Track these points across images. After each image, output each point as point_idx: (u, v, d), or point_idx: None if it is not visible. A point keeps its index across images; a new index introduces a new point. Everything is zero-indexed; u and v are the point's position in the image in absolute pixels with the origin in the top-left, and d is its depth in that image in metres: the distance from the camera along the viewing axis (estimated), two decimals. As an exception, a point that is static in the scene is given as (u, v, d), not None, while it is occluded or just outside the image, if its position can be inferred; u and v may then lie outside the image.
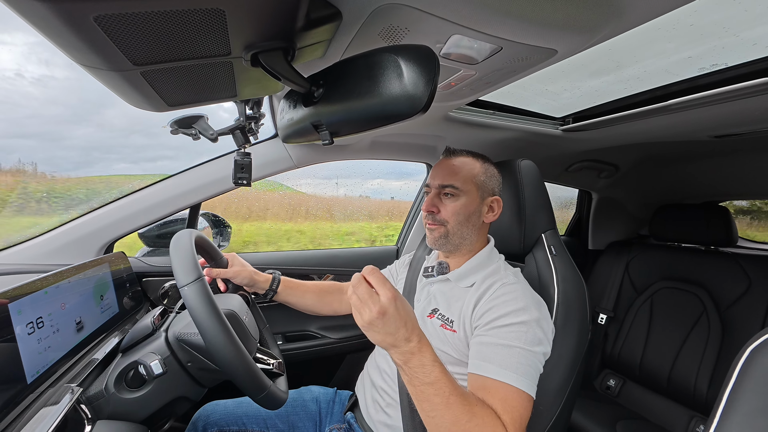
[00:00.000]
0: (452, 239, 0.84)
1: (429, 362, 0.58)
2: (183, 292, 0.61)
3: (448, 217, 0.83)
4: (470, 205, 0.83)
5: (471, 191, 0.84)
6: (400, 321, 0.56)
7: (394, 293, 0.57)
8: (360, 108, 0.55)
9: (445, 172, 0.85)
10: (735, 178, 1.70)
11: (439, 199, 0.85)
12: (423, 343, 0.58)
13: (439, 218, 0.84)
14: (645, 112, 1.08)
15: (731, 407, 0.45)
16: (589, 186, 2.03)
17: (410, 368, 0.57)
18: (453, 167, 0.85)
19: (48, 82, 4.43)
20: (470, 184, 0.84)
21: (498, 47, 0.65)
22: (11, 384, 0.54)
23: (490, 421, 0.59)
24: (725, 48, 0.84)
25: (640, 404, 1.56)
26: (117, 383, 0.66)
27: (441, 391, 0.57)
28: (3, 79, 3.57)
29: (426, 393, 0.57)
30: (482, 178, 0.85)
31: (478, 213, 0.85)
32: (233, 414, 0.91)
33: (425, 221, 0.87)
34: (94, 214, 1.06)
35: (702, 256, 1.59)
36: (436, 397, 0.57)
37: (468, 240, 0.85)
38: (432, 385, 0.57)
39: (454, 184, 0.83)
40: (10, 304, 0.55)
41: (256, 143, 1.20)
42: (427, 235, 0.87)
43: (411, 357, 0.57)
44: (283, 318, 1.35)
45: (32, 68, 4.73)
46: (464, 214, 0.83)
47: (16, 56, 4.10)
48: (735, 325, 1.39)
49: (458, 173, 0.84)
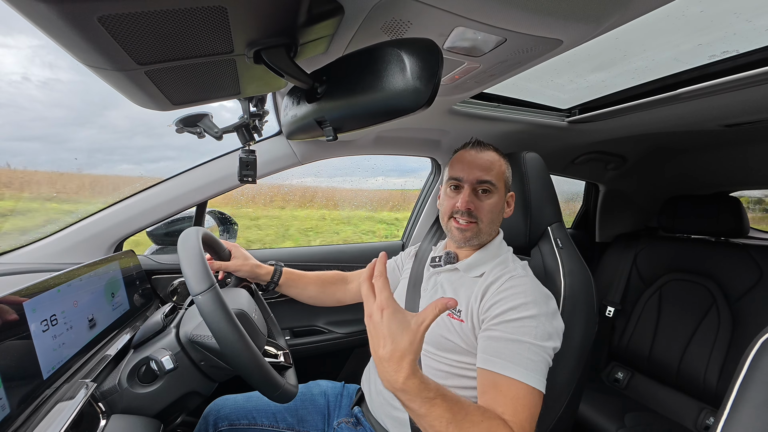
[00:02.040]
0: (482, 237, 0.84)
1: (426, 395, 0.53)
2: (197, 300, 0.62)
3: (484, 214, 0.82)
4: (500, 202, 0.84)
5: (501, 188, 0.84)
6: (381, 337, 0.52)
7: (383, 302, 0.54)
8: (363, 103, 0.54)
9: (479, 167, 0.82)
10: (746, 167, 1.67)
11: (474, 196, 0.83)
12: (411, 383, 0.52)
13: (475, 215, 0.82)
14: (653, 101, 1.07)
15: (742, 399, 0.45)
16: (596, 178, 2.01)
17: (401, 399, 0.54)
18: (486, 162, 0.83)
19: (54, 86, 4.49)
20: (501, 180, 0.84)
21: (502, 39, 0.64)
22: (28, 380, 0.55)
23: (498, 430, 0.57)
24: (737, 34, 0.82)
25: (648, 396, 1.56)
26: (130, 378, 0.67)
27: (441, 417, 0.53)
28: (9, 83, 3.62)
29: (422, 424, 0.55)
30: (507, 174, 0.86)
31: (502, 210, 0.85)
32: (243, 408, 0.92)
33: (456, 220, 0.82)
34: (102, 213, 1.08)
35: (712, 247, 1.56)
36: (437, 422, 0.54)
37: (491, 236, 0.86)
38: (425, 418, 0.54)
39: (492, 180, 0.82)
40: (25, 303, 0.57)
41: (260, 140, 1.20)
42: (454, 233, 0.83)
43: (396, 393, 0.54)
44: (290, 313, 1.36)
45: (38, 71, 4.79)
46: (496, 211, 0.83)
47: (21, 59, 4.15)
48: (746, 317, 1.37)
49: (492, 169, 0.83)
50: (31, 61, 4.32)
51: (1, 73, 3.69)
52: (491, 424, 0.58)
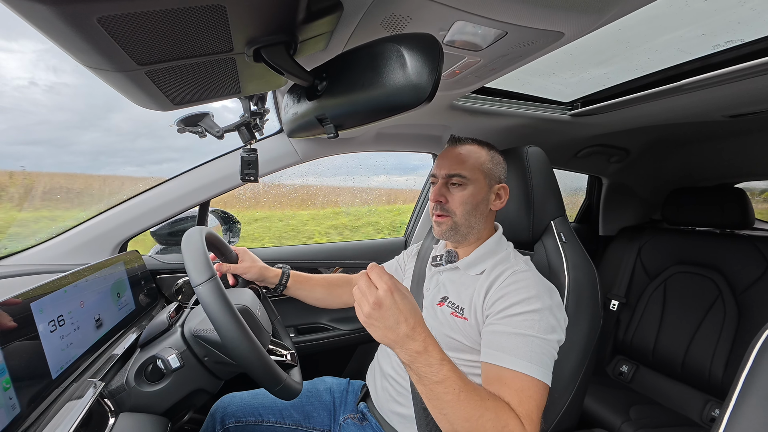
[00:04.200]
0: (461, 230, 0.83)
1: (436, 362, 0.57)
2: (197, 290, 0.63)
3: (456, 207, 0.82)
4: (478, 193, 0.82)
5: (479, 179, 0.83)
6: (399, 315, 0.56)
7: (391, 286, 0.57)
8: (364, 100, 0.54)
9: (451, 161, 0.84)
10: (750, 158, 1.66)
11: (446, 189, 0.84)
12: (429, 342, 0.58)
13: (447, 208, 0.83)
14: (656, 93, 1.05)
15: (748, 390, 0.45)
16: (599, 171, 2.00)
17: (417, 368, 0.57)
18: (459, 156, 0.84)
19: (61, 90, 4.51)
20: (477, 172, 0.83)
21: (503, 32, 0.64)
22: (37, 379, 0.56)
23: (503, 415, 0.58)
24: (741, 23, 0.81)
25: (653, 389, 1.55)
26: (137, 377, 0.68)
27: (450, 389, 0.56)
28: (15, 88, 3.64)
29: (435, 391, 0.57)
30: (489, 166, 0.84)
31: (486, 201, 0.84)
32: (250, 405, 0.93)
33: (432, 212, 0.86)
34: (107, 214, 1.09)
35: (717, 239, 1.55)
36: (446, 395, 0.57)
37: (476, 229, 0.84)
38: (441, 384, 0.56)
39: (461, 173, 0.82)
40: (32, 304, 0.57)
41: (261, 139, 1.20)
42: (434, 227, 0.87)
43: (417, 356, 0.57)
44: (294, 311, 1.37)
45: (43, 75, 4.82)
46: (472, 203, 0.82)
47: (26, 64, 4.17)
48: (751, 309, 1.36)
49: (465, 161, 0.83)
50: (35, 66, 4.33)
51: (7, 78, 3.71)
52: (498, 404, 0.60)
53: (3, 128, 3.33)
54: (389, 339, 0.57)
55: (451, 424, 0.58)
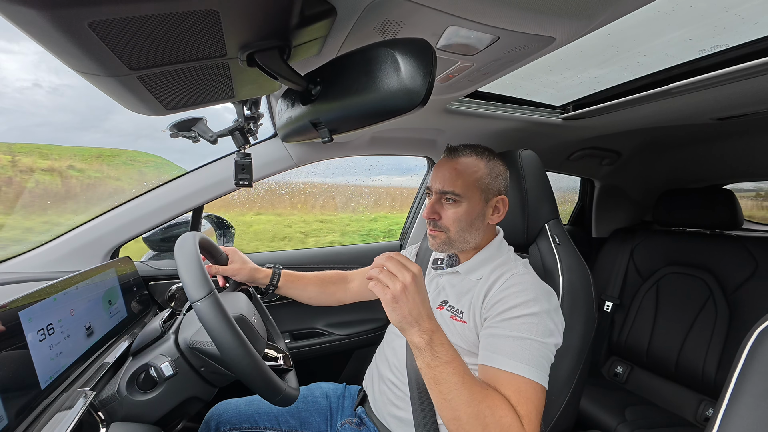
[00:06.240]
0: (455, 244, 0.82)
1: (446, 341, 0.62)
2: (196, 307, 0.62)
3: (450, 224, 0.80)
4: (473, 210, 0.79)
5: (473, 196, 0.79)
6: (425, 295, 0.62)
7: (420, 270, 0.63)
8: (358, 104, 0.54)
9: (446, 176, 0.80)
10: (738, 160, 1.69)
11: (440, 205, 0.81)
12: (437, 324, 0.63)
13: (441, 224, 0.81)
14: (646, 96, 1.07)
15: (740, 390, 0.45)
16: (592, 174, 2.02)
17: (433, 346, 0.60)
18: (455, 171, 0.80)
19: (64, 92, 4.48)
20: (473, 188, 0.79)
21: (495, 37, 0.65)
22: (26, 390, 0.54)
23: (503, 404, 0.60)
24: (726, 28, 0.83)
25: (648, 390, 1.57)
26: (129, 386, 0.67)
27: (458, 369, 0.60)
28: (18, 90, 3.61)
29: (444, 373, 0.60)
30: (487, 180, 0.80)
31: (481, 217, 0.81)
32: (245, 412, 0.92)
33: (427, 225, 0.84)
34: (98, 220, 1.07)
35: (707, 240, 1.58)
36: (453, 376, 0.59)
37: (472, 242, 0.83)
38: (450, 364, 0.60)
39: (455, 191, 0.78)
40: (21, 312, 0.56)
41: (255, 143, 1.20)
42: (429, 239, 0.85)
43: (433, 335, 0.61)
44: (290, 316, 1.35)
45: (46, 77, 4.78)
46: (466, 220, 0.79)
47: (27, 65, 4.13)
48: (742, 308, 1.38)
49: (459, 178, 0.79)
50: (37, 67, 4.29)
51: (9, 79, 3.67)
52: (497, 395, 0.62)
53: (4, 129, 3.29)
54: (412, 318, 0.60)
55: (453, 411, 0.59)
